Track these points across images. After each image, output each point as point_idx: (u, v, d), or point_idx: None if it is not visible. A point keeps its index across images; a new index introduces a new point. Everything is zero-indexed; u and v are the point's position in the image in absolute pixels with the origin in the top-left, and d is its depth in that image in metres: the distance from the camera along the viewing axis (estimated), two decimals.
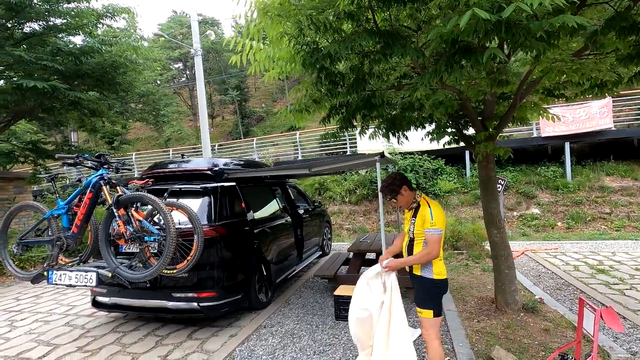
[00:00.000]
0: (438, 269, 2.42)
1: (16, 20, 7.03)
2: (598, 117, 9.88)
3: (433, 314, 2.40)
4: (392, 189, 2.51)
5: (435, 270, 2.41)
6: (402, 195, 2.51)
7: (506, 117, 3.70)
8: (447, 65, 2.32)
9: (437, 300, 2.44)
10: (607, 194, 9.44)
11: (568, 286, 4.74)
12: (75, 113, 8.48)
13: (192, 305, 3.69)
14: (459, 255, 6.50)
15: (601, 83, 3.38)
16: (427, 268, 2.43)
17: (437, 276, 2.41)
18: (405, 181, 2.53)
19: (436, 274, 2.41)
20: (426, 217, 2.39)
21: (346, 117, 3.84)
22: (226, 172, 4.43)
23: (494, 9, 1.84)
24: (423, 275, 2.43)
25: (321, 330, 3.75)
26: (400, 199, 2.52)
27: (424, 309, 2.42)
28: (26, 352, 3.66)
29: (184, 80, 29.98)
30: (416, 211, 2.47)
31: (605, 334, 3.29)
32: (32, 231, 3.84)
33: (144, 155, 18.76)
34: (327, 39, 2.89)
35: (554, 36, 2.16)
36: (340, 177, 11.78)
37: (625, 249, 6.73)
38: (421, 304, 2.45)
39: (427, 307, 2.41)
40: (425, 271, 2.43)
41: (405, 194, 2.51)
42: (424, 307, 2.43)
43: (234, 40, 3.17)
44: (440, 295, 2.46)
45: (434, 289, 2.43)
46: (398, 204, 2.60)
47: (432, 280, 2.41)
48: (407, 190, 2.51)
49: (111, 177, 3.54)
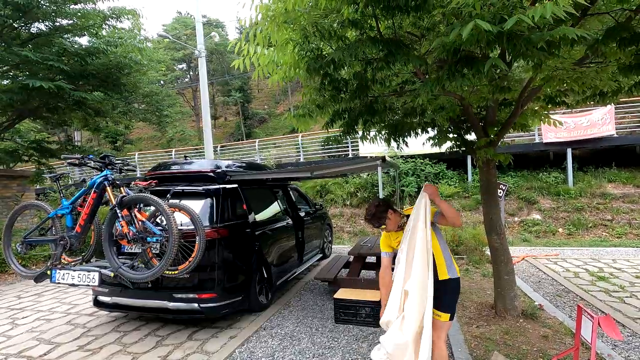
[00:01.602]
0: (457, 267, 2.50)
1: (23, 21, 7.12)
2: (600, 124, 9.88)
3: (449, 317, 2.42)
4: (378, 217, 2.54)
5: (456, 268, 2.49)
6: (389, 220, 2.55)
7: (508, 123, 3.72)
8: (449, 74, 2.35)
9: (456, 302, 2.49)
10: (608, 200, 9.43)
11: (568, 293, 4.74)
12: (79, 113, 8.55)
13: (192, 306, 3.72)
14: (460, 260, 6.50)
15: (601, 92, 3.41)
16: (451, 269, 2.45)
17: (459, 274, 2.49)
18: (389, 206, 2.57)
19: (458, 272, 2.49)
20: None
21: (349, 123, 3.87)
22: (228, 174, 4.47)
23: (495, 20, 1.87)
24: (451, 277, 2.43)
25: (320, 333, 3.77)
26: (388, 223, 2.56)
27: (444, 312, 2.41)
28: (27, 350, 3.69)
29: (187, 81, 30.14)
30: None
31: (604, 342, 3.30)
32: (36, 230, 3.88)
33: (147, 156, 18.85)
34: (332, 45, 2.93)
35: (555, 46, 2.18)
36: (342, 179, 11.81)
37: (626, 256, 6.72)
38: (442, 307, 2.41)
39: (448, 310, 2.42)
40: (451, 271, 2.45)
41: (392, 217, 2.55)
42: (445, 310, 2.41)
43: (239, 44, 3.22)
44: (458, 296, 2.53)
45: (458, 288, 2.49)
46: (387, 229, 2.62)
47: (457, 279, 2.47)
48: (392, 213, 2.55)
49: (115, 178, 3.58)
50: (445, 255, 2.47)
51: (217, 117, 27.33)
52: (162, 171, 4.62)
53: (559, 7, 1.70)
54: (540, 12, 1.70)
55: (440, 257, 2.46)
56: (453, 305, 2.45)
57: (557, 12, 1.70)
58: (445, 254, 2.48)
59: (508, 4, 1.94)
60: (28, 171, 9.38)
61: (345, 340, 3.56)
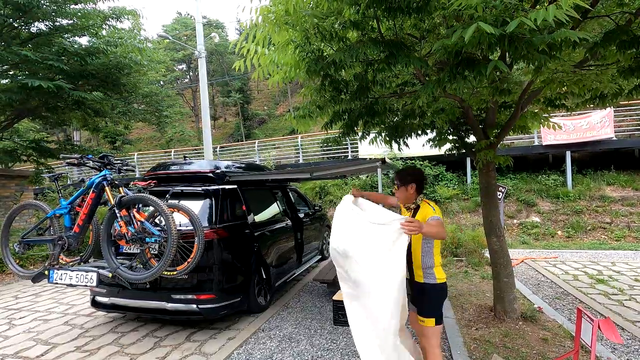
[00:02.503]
0: (439, 274, 2.40)
1: (23, 20, 7.11)
2: (599, 127, 9.91)
3: (435, 322, 2.37)
4: (403, 177, 2.47)
5: (438, 275, 2.39)
6: (404, 189, 2.46)
7: (507, 125, 3.73)
8: (450, 76, 2.35)
9: (439, 307, 2.41)
10: (607, 203, 9.45)
11: (567, 295, 4.74)
12: (78, 112, 8.54)
13: (191, 307, 3.70)
14: (459, 262, 6.50)
15: (602, 94, 3.41)
16: (430, 272, 2.39)
17: (440, 280, 2.39)
18: (418, 180, 2.47)
19: (439, 279, 2.38)
20: (428, 211, 2.36)
21: (348, 124, 3.87)
22: (228, 174, 4.46)
23: (498, 23, 1.87)
24: (426, 282, 2.39)
25: (319, 335, 3.75)
26: (401, 191, 2.47)
27: (426, 317, 2.38)
28: (24, 350, 3.66)
29: (187, 81, 30.14)
30: (415, 212, 2.44)
31: (604, 345, 3.30)
32: (34, 230, 3.86)
33: (146, 156, 18.82)
34: (332, 47, 2.93)
35: (556, 48, 2.19)
36: (341, 181, 11.81)
37: (625, 259, 6.73)
38: (423, 312, 2.41)
39: (430, 315, 2.37)
40: (429, 276, 2.39)
41: (408, 190, 2.45)
42: (426, 315, 2.39)
43: (239, 45, 3.21)
44: (442, 301, 2.44)
45: (437, 294, 2.40)
46: (396, 194, 2.56)
47: (436, 285, 2.38)
48: (412, 188, 2.45)
49: (114, 178, 3.57)
50: (425, 260, 2.38)
51: (217, 117, 27.34)
52: (161, 171, 4.61)
53: (561, 11, 1.70)
54: (543, 15, 1.70)
55: (418, 260, 2.39)
56: (435, 310, 2.37)
57: (559, 15, 1.70)
58: (425, 259, 2.38)
59: (510, 7, 1.94)
60: (26, 171, 9.36)
61: (344, 342, 3.54)
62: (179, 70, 29.44)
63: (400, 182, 2.48)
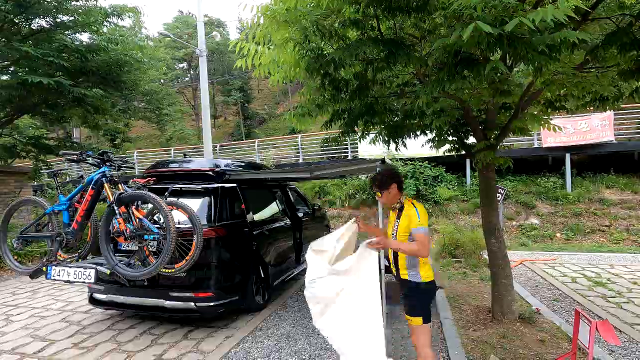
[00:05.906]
0: (425, 272, 2.36)
1: (24, 16, 7.10)
2: (599, 130, 9.92)
3: (423, 321, 2.34)
4: (382, 181, 2.46)
5: (423, 273, 2.35)
6: (387, 192, 2.45)
7: (507, 127, 3.72)
8: (449, 75, 2.35)
9: (426, 306, 2.37)
10: (606, 206, 9.45)
11: (565, 297, 4.74)
12: (78, 110, 8.53)
13: (188, 305, 3.69)
14: (457, 264, 6.49)
15: (602, 97, 3.41)
16: (414, 272, 2.36)
17: (426, 279, 2.35)
18: (397, 180, 2.48)
19: (424, 278, 2.35)
20: (412, 217, 2.32)
21: (348, 123, 3.86)
22: (227, 173, 4.45)
23: (496, 22, 1.87)
24: (411, 280, 2.36)
25: (317, 334, 3.75)
26: (384, 195, 2.47)
27: (413, 316, 2.36)
28: (21, 347, 3.66)
29: (187, 80, 30.15)
30: (400, 212, 2.42)
31: (601, 347, 3.29)
32: (32, 226, 3.86)
33: (146, 154, 18.81)
34: (332, 45, 2.92)
35: (555, 50, 2.18)
36: (341, 181, 11.80)
37: (624, 262, 6.73)
38: (410, 311, 2.39)
39: (416, 314, 2.35)
40: (413, 275, 2.36)
41: (391, 192, 2.45)
42: (413, 314, 2.36)
43: (240, 44, 3.21)
44: (429, 300, 2.41)
45: (423, 293, 2.37)
46: (381, 200, 2.56)
47: (421, 284, 2.35)
48: (395, 189, 2.45)
49: (113, 175, 3.56)
50: (409, 259, 2.37)
51: (217, 116, 27.34)
52: (160, 169, 4.61)
53: (559, 11, 1.70)
54: (541, 15, 1.70)
55: (403, 259, 2.39)
56: (422, 309, 2.35)
57: (558, 15, 1.70)
58: (409, 258, 2.37)
59: (509, 7, 1.94)
60: (25, 167, 9.35)
61: None
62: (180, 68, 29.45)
63: (381, 188, 2.47)
